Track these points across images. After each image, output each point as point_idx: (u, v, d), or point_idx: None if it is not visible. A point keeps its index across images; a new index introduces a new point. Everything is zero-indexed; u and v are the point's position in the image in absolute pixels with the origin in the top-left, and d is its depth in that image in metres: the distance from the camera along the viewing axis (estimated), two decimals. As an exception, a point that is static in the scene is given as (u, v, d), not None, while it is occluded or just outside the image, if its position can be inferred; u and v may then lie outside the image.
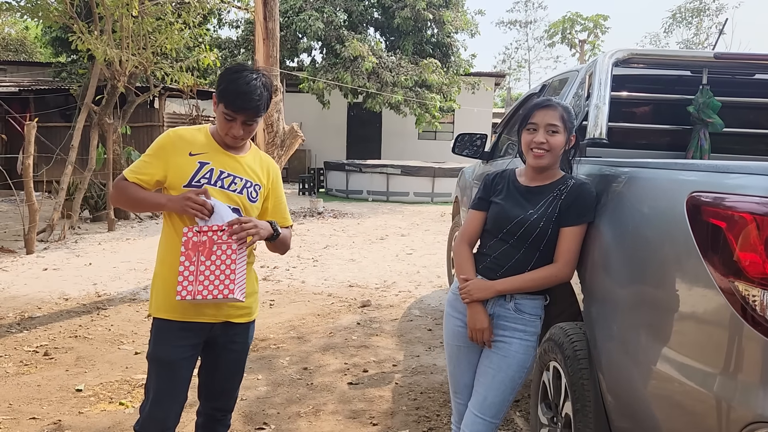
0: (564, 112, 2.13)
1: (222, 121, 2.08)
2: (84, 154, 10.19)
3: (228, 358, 2.26)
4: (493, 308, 2.17)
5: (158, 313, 2.14)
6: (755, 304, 1.34)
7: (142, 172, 2.12)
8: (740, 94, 3.14)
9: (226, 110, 2.04)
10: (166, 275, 2.13)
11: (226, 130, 2.09)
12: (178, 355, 2.12)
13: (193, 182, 2.10)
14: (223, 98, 2.04)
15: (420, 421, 3.25)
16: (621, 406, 1.86)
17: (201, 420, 2.38)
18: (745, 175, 1.47)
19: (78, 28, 8.25)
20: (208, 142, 2.17)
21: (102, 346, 4.32)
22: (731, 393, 1.39)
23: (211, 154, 2.14)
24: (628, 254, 1.86)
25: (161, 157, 2.12)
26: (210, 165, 2.12)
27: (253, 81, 2.04)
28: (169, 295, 2.09)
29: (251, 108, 2.04)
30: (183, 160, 2.11)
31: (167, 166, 2.11)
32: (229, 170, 2.15)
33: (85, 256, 7.42)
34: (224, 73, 2.09)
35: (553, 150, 2.11)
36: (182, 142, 2.13)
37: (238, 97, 2.02)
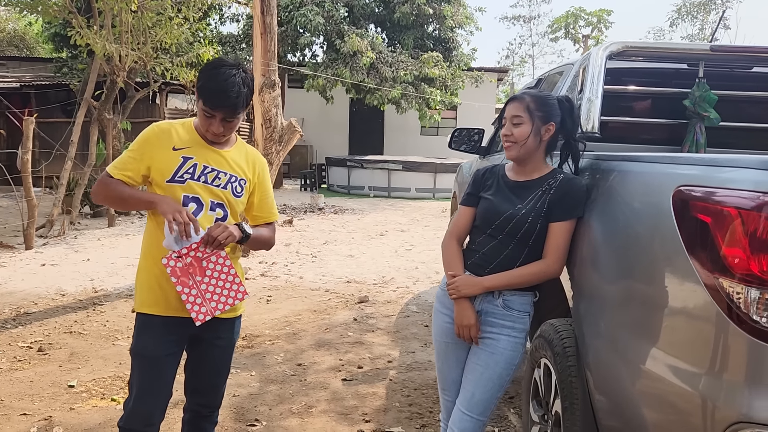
0: (532, 101, 2.09)
1: (202, 117, 2.06)
2: (84, 150, 10.18)
3: (214, 354, 2.24)
4: (481, 305, 2.14)
5: (142, 308, 2.12)
6: (740, 302, 1.31)
7: (127, 167, 2.10)
8: (738, 88, 3.09)
9: (205, 107, 2.02)
10: (150, 269, 2.11)
11: (206, 126, 2.07)
12: (163, 351, 2.10)
13: (176, 177, 2.08)
14: (201, 95, 2.02)
15: (413, 417, 3.23)
16: (608, 404, 1.83)
17: (188, 416, 2.36)
18: (732, 168, 1.43)
19: (77, 23, 8.22)
20: (192, 136, 2.14)
21: (96, 342, 4.31)
22: (716, 392, 1.36)
23: (195, 149, 2.12)
24: (616, 250, 1.83)
25: (145, 152, 2.09)
26: (193, 160, 2.10)
27: (232, 77, 2.00)
28: (152, 290, 2.09)
29: (229, 106, 2.01)
30: (166, 155, 2.08)
31: (151, 161, 2.08)
32: (213, 165, 2.13)
33: (84, 252, 7.42)
34: (204, 68, 2.07)
35: (519, 141, 2.08)
36: (166, 136, 2.11)
37: (216, 95, 1.99)
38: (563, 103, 2.15)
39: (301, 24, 15.52)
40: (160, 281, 2.08)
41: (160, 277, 2.07)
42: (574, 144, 2.18)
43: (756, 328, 1.29)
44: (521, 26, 46.23)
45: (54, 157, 9.55)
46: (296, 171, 18.82)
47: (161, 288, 2.09)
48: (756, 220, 1.28)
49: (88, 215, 10.32)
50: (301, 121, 17.43)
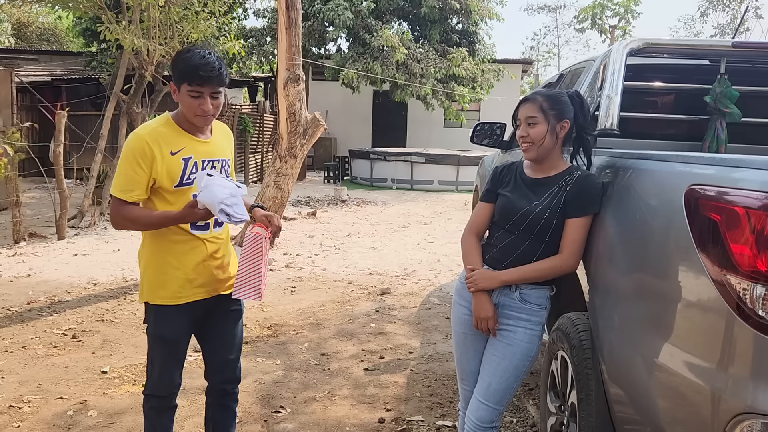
0: (544, 101, 2.13)
1: (189, 101, 2.07)
2: (114, 143, 10.41)
3: (226, 327, 2.39)
4: (498, 297, 2.20)
5: (156, 300, 2.23)
6: (746, 298, 1.35)
7: (135, 188, 2.11)
8: (760, 83, 3.08)
9: (191, 87, 2.04)
10: (160, 264, 2.22)
11: (195, 108, 2.08)
12: (180, 333, 2.28)
13: (184, 180, 2.16)
14: (185, 77, 2.04)
15: (433, 407, 3.31)
16: (621, 395, 1.88)
17: (212, 398, 2.50)
18: (743, 168, 1.47)
19: (106, 18, 8.41)
20: (180, 134, 2.17)
21: (127, 330, 4.46)
22: (723, 384, 1.41)
23: (189, 147, 2.17)
24: (630, 246, 1.88)
25: (144, 165, 2.09)
26: (192, 159, 2.17)
27: (207, 55, 2.06)
28: (166, 283, 2.21)
29: (215, 77, 2.05)
30: (168, 162, 2.12)
31: (152, 172, 2.11)
32: (208, 157, 2.23)
33: (114, 242, 7.62)
34: (176, 56, 2.11)
35: (535, 141, 2.12)
36: (157, 143, 2.11)
37: (200, 69, 2.01)
38: (574, 98, 2.19)
39: (329, 18, 15.59)
40: (187, 275, 2.22)
41: (185, 271, 2.21)
42: (586, 138, 2.22)
43: (761, 323, 1.33)
44: (546, 15, 45.72)
45: (84, 149, 9.79)
46: (320, 163, 18.96)
47: (186, 281, 2.22)
48: (763, 219, 1.32)
49: (117, 206, 10.55)
50: (324, 114, 17.54)
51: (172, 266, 2.20)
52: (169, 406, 2.39)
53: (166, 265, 2.20)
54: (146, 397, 2.36)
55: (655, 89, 3.22)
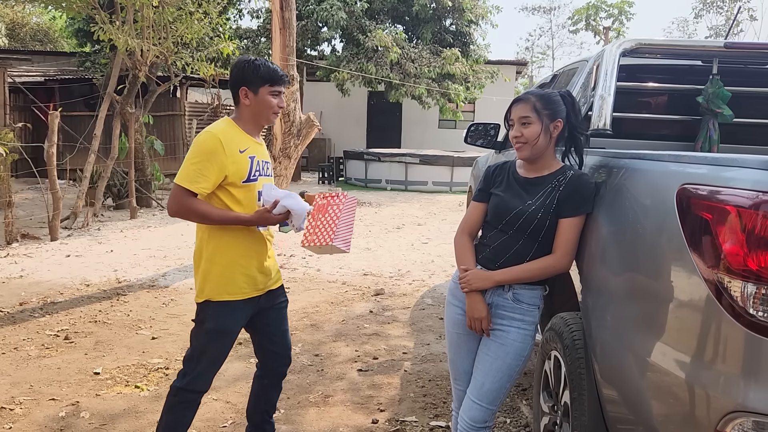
0: (537, 101, 2.14)
1: (269, 100, 2.32)
2: (107, 143, 10.37)
3: (278, 317, 2.60)
4: (492, 297, 2.20)
5: (221, 297, 2.35)
6: (737, 296, 1.36)
7: (204, 180, 2.25)
8: (752, 84, 3.10)
9: (273, 87, 2.31)
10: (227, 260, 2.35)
11: (274, 106, 2.34)
12: (237, 327, 2.45)
13: (251, 177, 2.36)
14: (266, 79, 2.30)
15: (427, 407, 3.30)
16: (614, 394, 1.88)
17: (269, 380, 2.67)
18: (735, 168, 1.47)
19: (100, 18, 8.39)
20: (245, 136, 2.38)
21: (120, 331, 4.45)
22: (714, 383, 1.41)
23: (252, 148, 2.39)
24: (622, 245, 1.88)
25: (216, 162, 2.25)
26: (256, 158, 2.39)
27: (266, 60, 2.36)
28: (233, 279, 2.35)
29: (286, 77, 2.37)
30: (238, 159, 2.31)
31: (224, 168, 2.27)
32: (264, 158, 2.46)
33: (107, 243, 7.59)
34: (243, 65, 2.32)
35: (529, 141, 2.13)
36: (229, 142, 2.29)
37: (276, 71, 2.32)
38: (566, 98, 2.19)
39: (322, 19, 15.58)
40: (250, 271, 2.38)
41: (249, 268, 2.38)
42: (578, 137, 2.22)
43: (752, 321, 1.34)
44: (541, 17, 45.84)
45: (78, 150, 9.77)
46: (314, 164, 18.94)
47: (249, 277, 2.38)
48: (754, 218, 1.33)
49: (110, 207, 10.52)
50: (319, 115, 17.50)
51: (239, 263, 2.36)
52: (198, 403, 2.49)
53: (233, 262, 2.35)
54: (179, 391, 2.42)
55: (647, 90, 3.23)
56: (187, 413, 2.45)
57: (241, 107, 2.37)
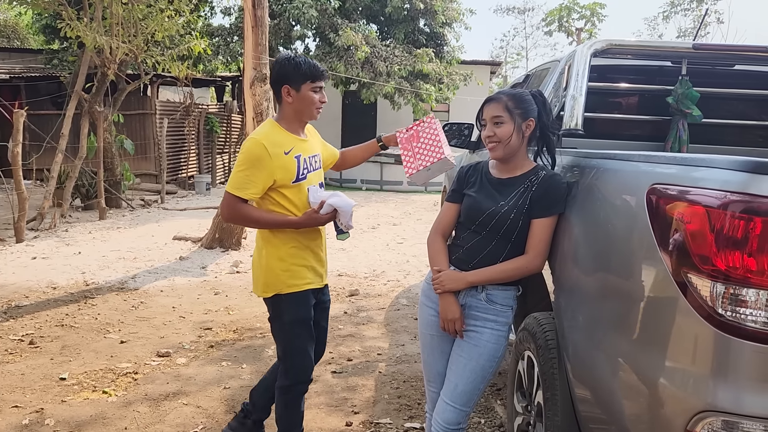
0: (509, 100, 2.13)
1: (311, 96, 2.40)
2: (75, 142, 10.15)
3: (324, 315, 2.72)
4: (465, 299, 2.19)
5: (291, 289, 2.46)
6: (706, 296, 1.36)
7: (252, 187, 2.36)
8: (720, 85, 3.14)
9: (314, 83, 2.39)
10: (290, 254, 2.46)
11: (316, 102, 2.42)
12: (312, 313, 2.54)
13: (300, 176, 2.44)
14: (308, 76, 2.36)
15: (401, 409, 3.28)
16: (586, 394, 1.88)
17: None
18: (703, 168, 1.48)
19: (67, 15, 8.19)
20: (289, 136, 2.44)
21: (88, 335, 4.34)
22: (684, 382, 1.42)
23: (297, 147, 2.45)
24: (594, 245, 1.88)
25: (263, 168, 2.34)
26: (302, 156, 2.45)
27: (306, 57, 2.42)
28: (296, 272, 2.47)
29: (326, 72, 2.46)
30: (284, 161, 2.38)
31: (272, 173, 2.36)
32: (310, 153, 2.53)
33: (75, 245, 7.43)
34: (284, 62, 2.38)
35: (502, 140, 2.12)
36: (275, 146, 2.37)
37: (318, 67, 2.39)
38: (537, 97, 2.19)
39: (294, 17, 15.45)
40: (310, 263, 2.50)
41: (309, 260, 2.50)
42: (550, 136, 2.21)
43: (721, 321, 1.34)
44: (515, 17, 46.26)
45: (44, 149, 9.53)
46: (289, 164, 18.77)
47: (310, 268, 2.50)
48: (722, 217, 1.33)
49: (79, 208, 10.30)
50: (293, 114, 17.37)
51: (300, 256, 2.47)
52: (305, 390, 2.61)
53: (294, 255, 2.46)
54: (289, 388, 2.54)
55: (618, 90, 3.25)
56: (302, 405, 2.61)
57: (283, 105, 2.43)
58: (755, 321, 1.32)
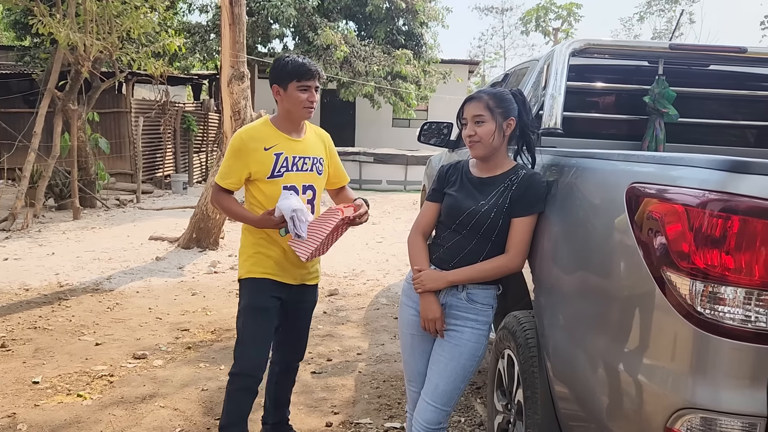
0: (490, 99, 2.13)
1: (298, 96, 2.41)
2: (48, 141, 9.94)
3: (301, 316, 2.73)
4: (446, 298, 2.18)
5: (249, 274, 2.54)
6: (685, 294, 1.37)
7: (231, 177, 2.49)
8: (695, 85, 3.18)
9: (300, 82, 2.40)
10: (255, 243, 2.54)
11: (304, 101, 2.42)
12: (270, 303, 2.54)
13: (275, 173, 2.47)
14: (294, 75, 2.39)
15: (381, 409, 3.27)
16: (566, 392, 1.89)
17: (278, 369, 2.81)
18: (682, 167, 1.49)
19: (38, 11, 8.02)
20: (276, 133, 2.50)
21: (62, 337, 4.26)
22: (664, 380, 1.42)
23: (282, 144, 2.48)
24: (574, 244, 1.89)
25: (241, 159, 2.46)
26: (284, 154, 2.48)
27: (303, 57, 2.45)
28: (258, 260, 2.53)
29: (317, 72, 2.43)
30: (261, 156, 2.45)
31: (248, 165, 2.45)
32: (299, 154, 2.52)
33: (48, 246, 7.28)
34: (275, 64, 2.44)
35: (483, 140, 2.12)
36: (254, 140, 2.46)
37: (305, 66, 2.40)
38: (517, 96, 2.19)
39: (272, 15, 15.35)
40: (270, 253, 2.51)
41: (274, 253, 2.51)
42: (530, 135, 2.21)
43: (700, 319, 1.35)
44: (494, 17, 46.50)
45: (16, 148, 9.34)
46: (267, 163, 18.65)
47: (274, 260, 2.52)
48: (701, 216, 1.34)
49: (52, 208, 10.11)
50: (272, 113, 17.26)
51: (263, 245, 2.52)
52: (254, 390, 2.56)
53: (257, 244, 2.52)
54: (232, 376, 2.55)
55: (596, 89, 3.28)
56: (243, 399, 2.56)
57: (278, 105, 2.49)
58: (733, 318, 1.33)
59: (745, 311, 1.32)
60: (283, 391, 2.87)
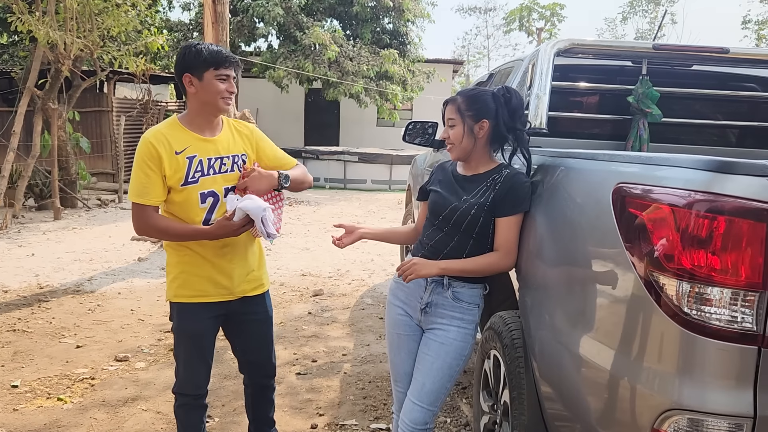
0: (463, 102, 2.14)
1: (216, 86, 2.16)
2: (27, 140, 9.79)
3: (254, 330, 2.48)
4: (431, 296, 2.17)
5: (178, 298, 2.31)
6: (672, 295, 1.37)
7: (151, 191, 2.17)
8: (678, 85, 3.20)
9: (218, 70, 2.15)
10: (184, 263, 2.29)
11: (222, 91, 2.17)
12: (201, 327, 2.34)
13: (189, 179, 2.20)
14: (211, 63, 2.14)
15: (367, 410, 3.25)
16: (553, 393, 1.88)
17: (250, 390, 2.64)
18: (668, 167, 1.49)
19: (18, 8, 7.89)
20: (186, 134, 2.23)
21: (42, 340, 4.19)
22: (651, 381, 1.42)
23: (194, 146, 2.22)
24: (559, 244, 1.88)
25: (153, 167, 2.16)
26: (197, 157, 2.21)
27: (210, 44, 2.20)
28: (187, 282, 2.29)
29: (234, 59, 2.20)
30: (173, 162, 2.18)
31: (161, 172, 2.17)
32: (215, 154, 2.25)
33: (28, 247, 7.16)
34: (185, 50, 2.18)
35: (455, 143, 2.14)
36: (162, 144, 2.17)
37: (221, 53, 2.16)
38: (497, 96, 2.14)
39: (258, 14, 15.24)
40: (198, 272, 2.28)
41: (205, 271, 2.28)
42: (518, 133, 2.16)
43: (687, 320, 1.35)
44: (477, 17, 46.66)
45: (-6, 148, 9.17)
46: (251, 162, 18.53)
47: (207, 279, 2.29)
48: (687, 216, 1.34)
49: (32, 208, 9.96)
50: (255, 112, 17.14)
51: (196, 264, 2.27)
52: (199, 405, 2.44)
53: (189, 263, 2.28)
54: (175, 395, 2.43)
55: (580, 89, 3.28)
56: (189, 416, 2.44)
57: (188, 98, 2.22)
58: (719, 319, 1.33)
59: (731, 312, 1.32)
60: (261, 411, 2.67)
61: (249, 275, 2.39)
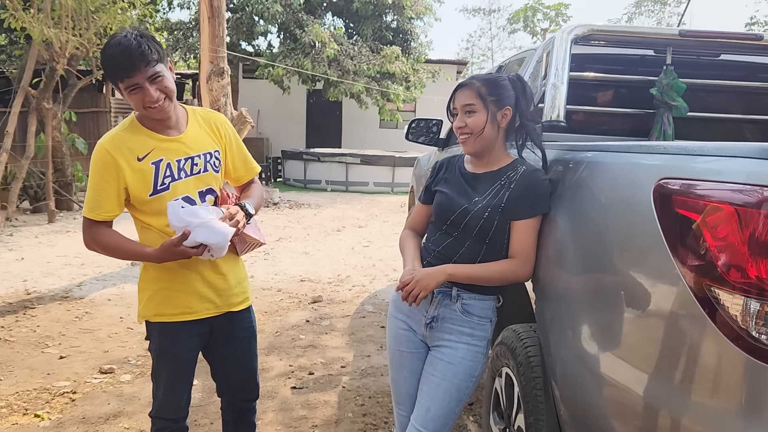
0: (483, 86, 1.88)
1: (133, 98, 1.85)
2: (22, 141, 9.58)
3: (239, 347, 2.22)
4: (438, 309, 1.93)
5: (159, 318, 2.06)
6: (735, 315, 1.11)
7: (103, 205, 1.93)
8: (704, 76, 2.95)
9: (124, 83, 1.81)
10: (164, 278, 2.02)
11: (142, 102, 1.84)
12: (184, 347, 2.10)
13: (159, 187, 1.93)
14: (112, 75, 1.82)
15: (366, 429, 3.01)
16: (575, 418, 1.63)
17: (231, 415, 2.34)
18: (721, 158, 1.24)
19: (11, 4, 7.68)
20: (148, 136, 1.95)
21: (24, 350, 3.95)
22: (704, 419, 1.17)
23: (158, 149, 1.94)
24: (585, 251, 1.63)
25: (110, 179, 1.90)
26: (164, 161, 1.94)
27: (123, 39, 1.79)
28: (166, 299, 2.03)
29: (139, 59, 1.77)
30: (137, 168, 1.91)
31: (121, 184, 1.91)
32: (183, 155, 1.98)
33: (19, 250, 6.94)
34: (101, 56, 1.86)
35: (474, 132, 1.87)
36: (120, 151, 1.90)
37: (121, 61, 1.77)
38: (515, 82, 1.92)
39: (258, 11, 15.02)
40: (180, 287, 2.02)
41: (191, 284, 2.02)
42: (530, 125, 1.93)
43: (755, 346, 1.09)
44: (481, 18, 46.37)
45: (-12, 148, 8.94)
46: (252, 164, 18.30)
47: (192, 293, 2.04)
48: (755, 218, 1.08)
49: (26, 211, 9.74)
50: (256, 113, 16.93)
51: (175, 280, 2.01)
52: (177, 428, 2.22)
53: (167, 279, 2.01)
54: (152, 419, 2.22)
55: (598, 81, 3.03)
56: None
57: None
58: (797, 346, 1.08)
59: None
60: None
61: (238, 287, 2.15)
